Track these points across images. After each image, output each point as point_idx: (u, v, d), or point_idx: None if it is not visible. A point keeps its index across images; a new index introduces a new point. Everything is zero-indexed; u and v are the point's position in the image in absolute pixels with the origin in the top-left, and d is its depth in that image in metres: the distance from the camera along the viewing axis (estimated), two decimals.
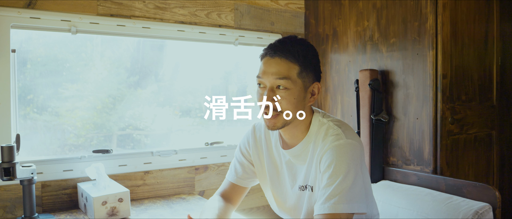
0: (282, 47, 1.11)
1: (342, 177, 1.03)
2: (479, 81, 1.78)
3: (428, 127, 1.61)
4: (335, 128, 1.12)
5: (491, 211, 1.33)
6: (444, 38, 1.60)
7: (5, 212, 1.50)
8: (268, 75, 1.11)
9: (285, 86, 1.10)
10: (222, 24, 1.98)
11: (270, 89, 1.11)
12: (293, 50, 1.10)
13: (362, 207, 1.03)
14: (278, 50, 1.11)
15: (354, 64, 1.95)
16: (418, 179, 1.61)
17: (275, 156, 1.28)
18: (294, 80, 1.10)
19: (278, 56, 1.11)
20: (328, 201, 1.02)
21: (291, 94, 1.10)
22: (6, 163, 1.31)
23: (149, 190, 1.81)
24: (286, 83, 1.09)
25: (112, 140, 1.84)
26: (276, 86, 1.11)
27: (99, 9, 1.66)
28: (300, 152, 1.18)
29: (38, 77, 1.66)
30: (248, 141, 1.35)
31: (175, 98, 2.02)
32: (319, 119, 1.18)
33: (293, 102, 1.11)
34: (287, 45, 1.11)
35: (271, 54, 1.12)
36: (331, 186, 1.03)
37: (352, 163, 1.05)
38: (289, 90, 1.10)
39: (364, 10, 1.88)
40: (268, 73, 1.11)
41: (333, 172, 1.04)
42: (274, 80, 1.10)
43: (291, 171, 1.22)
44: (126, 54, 1.90)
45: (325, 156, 1.08)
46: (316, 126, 1.17)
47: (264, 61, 1.14)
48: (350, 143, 1.07)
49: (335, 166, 1.04)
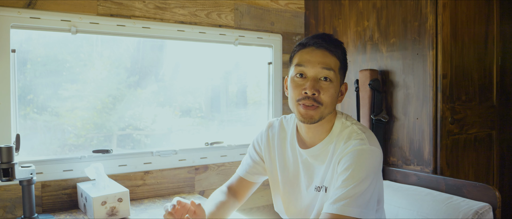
0: (328, 40, 1.11)
1: (358, 182, 1.01)
2: (479, 81, 1.78)
3: (428, 127, 1.61)
4: (359, 133, 1.11)
5: (491, 211, 1.33)
6: (444, 38, 1.60)
7: (5, 212, 1.50)
8: (314, 64, 1.09)
9: (330, 78, 1.09)
10: (222, 24, 1.98)
11: (314, 79, 1.09)
12: (336, 45, 1.12)
13: (370, 215, 1.02)
14: (328, 42, 1.10)
15: (354, 64, 1.95)
16: (418, 179, 1.61)
17: (289, 155, 1.25)
18: (336, 75, 1.11)
19: (324, 48, 1.10)
20: (338, 202, 1.01)
21: (333, 86, 1.10)
22: (5, 163, 1.31)
23: (149, 190, 1.81)
24: (331, 74, 1.09)
25: (112, 140, 1.84)
26: (320, 77, 1.09)
27: (99, 9, 1.66)
28: (319, 152, 1.16)
29: (38, 77, 1.66)
30: (262, 138, 1.34)
31: (175, 98, 2.02)
32: (342, 121, 1.17)
33: (334, 96, 1.11)
34: (333, 40, 1.12)
35: (318, 45, 1.10)
36: (345, 188, 1.02)
37: (371, 170, 1.04)
38: (332, 83, 1.10)
39: (364, 10, 1.88)
40: (314, 62, 1.09)
41: (350, 176, 1.03)
42: (320, 69, 1.08)
43: (307, 171, 1.20)
44: (126, 54, 1.90)
45: (345, 159, 1.07)
46: (338, 128, 1.15)
47: (307, 50, 1.12)
48: (372, 150, 1.06)
49: (353, 170, 1.03)
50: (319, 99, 1.08)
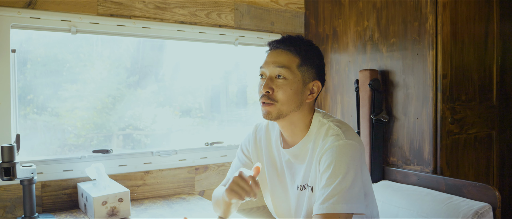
0: (286, 40, 1.16)
1: (341, 178, 1.03)
2: (479, 81, 1.78)
3: (428, 127, 1.61)
4: (335, 129, 1.13)
5: (491, 211, 1.33)
6: (444, 38, 1.60)
7: (5, 212, 1.50)
8: (268, 64, 1.16)
9: (283, 76, 1.13)
10: (222, 24, 1.98)
11: (269, 78, 1.15)
12: (295, 43, 1.15)
13: (360, 208, 1.03)
14: (281, 43, 1.16)
15: (354, 64, 1.95)
16: (418, 179, 1.61)
17: (275, 156, 1.28)
18: (293, 71, 1.14)
19: (280, 47, 1.16)
20: (326, 201, 1.02)
21: (288, 84, 1.13)
22: (6, 163, 1.31)
23: (149, 190, 1.81)
24: (285, 72, 1.13)
25: (112, 140, 1.84)
26: (275, 75, 1.14)
27: (99, 9, 1.66)
28: (299, 151, 1.19)
29: (38, 77, 1.66)
30: (249, 140, 1.37)
31: (175, 98, 2.02)
32: (319, 119, 1.19)
33: (290, 93, 1.13)
34: (291, 39, 1.17)
35: (274, 46, 1.17)
36: (330, 186, 1.03)
37: (352, 163, 1.05)
38: (287, 80, 1.13)
39: (364, 10, 1.88)
40: (270, 62, 1.15)
41: (332, 173, 1.04)
42: (273, 68, 1.14)
43: (290, 170, 1.23)
44: (126, 54, 1.90)
45: (325, 156, 1.09)
46: (316, 126, 1.18)
47: (268, 53, 1.19)
48: (349, 144, 1.08)
49: (334, 166, 1.05)
50: (273, 96, 1.14)
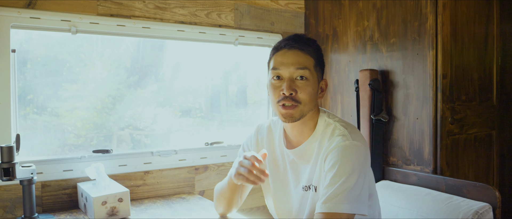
0: (299, 41, 1.15)
1: (345, 178, 1.03)
2: (479, 81, 1.78)
3: (428, 127, 1.61)
4: (341, 129, 1.13)
5: (491, 211, 1.33)
6: (444, 38, 1.60)
7: (5, 212, 1.50)
8: (287, 65, 1.13)
9: (305, 77, 1.13)
10: (222, 24, 1.98)
11: (290, 79, 1.13)
12: (308, 43, 1.15)
13: (363, 209, 1.03)
14: (296, 43, 1.15)
15: (354, 64, 1.95)
16: (418, 179, 1.61)
17: (278, 157, 1.27)
18: (312, 72, 1.14)
19: (296, 48, 1.14)
20: (329, 201, 1.02)
21: (309, 84, 1.13)
22: (5, 163, 1.31)
23: (149, 190, 1.81)
24: (306, 73, 1.13)
25: (112, 140, 1.84)
26: (295, 76, 1.13)
27: (99, 9, 1.66)
28: (304, 151, 1.18)
29: (38, 77, 1.66)
30: (251, 141, 1.36)
31: (175, 98, 2.02)
32: (325, 118, 1.19)
33: (311, 93, 1.14)
34: (304, 40, 1.16)
35: (289, 46, 1.15)
36: (333, 186, 1.03)
37: (357, 165, 1.05)
38: (308, 81, 1.13)
39: (364, 10, 1.88)
40: (288, 63, 1.13)
41: (336, 172, 1.04)
42: (294, 70, 1.13)
43: (295, 171, 1.22)
44: (126, 54, 1.90)
45: (330, 156, 1.09)
46: (322, 126, 1.18)
47: (281, 53, 1.16)
48: (355, 145, 1.08)
49: (339, 166, 1.05)
50: (297, 97, 1.12)
